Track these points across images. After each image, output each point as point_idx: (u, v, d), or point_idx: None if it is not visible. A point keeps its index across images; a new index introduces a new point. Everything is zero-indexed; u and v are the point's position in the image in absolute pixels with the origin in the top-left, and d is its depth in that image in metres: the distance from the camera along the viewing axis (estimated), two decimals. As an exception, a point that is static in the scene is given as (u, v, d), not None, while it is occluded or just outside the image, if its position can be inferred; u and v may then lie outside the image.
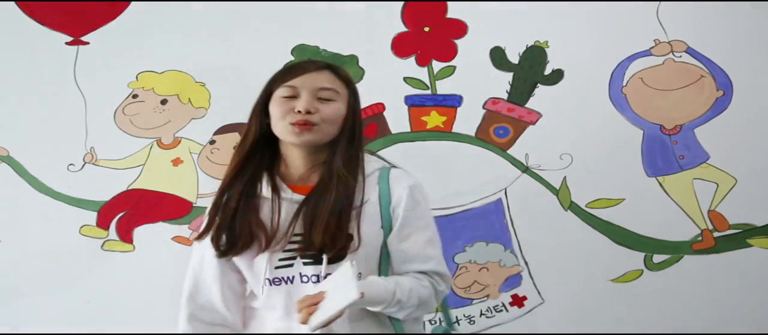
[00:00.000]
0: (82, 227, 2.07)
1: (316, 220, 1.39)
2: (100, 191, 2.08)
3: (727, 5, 2.03)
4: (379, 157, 1.55)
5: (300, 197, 1.44)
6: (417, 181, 1.49)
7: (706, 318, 2.00)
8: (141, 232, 2.07)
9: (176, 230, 2.06)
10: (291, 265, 1.43)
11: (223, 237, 1.44)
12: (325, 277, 1.37)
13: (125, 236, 2.07)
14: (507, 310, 2.03)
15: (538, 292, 2.03)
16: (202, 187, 2.07)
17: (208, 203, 2.03)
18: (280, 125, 1.43)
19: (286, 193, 1.45)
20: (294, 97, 1.44)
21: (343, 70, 1.52)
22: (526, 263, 2.03)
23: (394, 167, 1.53)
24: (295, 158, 1.47)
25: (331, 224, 1.38)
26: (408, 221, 1.44)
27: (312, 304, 1.28)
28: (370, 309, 1.38)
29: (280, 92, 1.46)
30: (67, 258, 2.07)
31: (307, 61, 1.52)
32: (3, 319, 2.08)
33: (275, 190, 1.45)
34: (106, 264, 2.07)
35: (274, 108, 1.45)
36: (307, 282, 1.42)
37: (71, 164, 2.08)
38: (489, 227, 2.01)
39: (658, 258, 2.01)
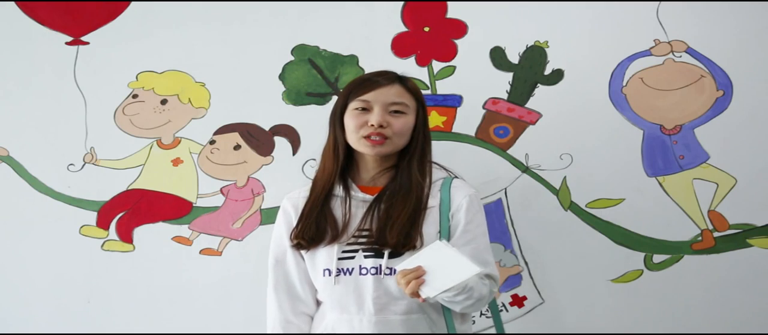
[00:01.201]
0: (82, 227, 2.08)
1: (394, 219, 1.55)
2: (100, 191, 2.08)
3: (728, 5, 2.03)
4: (443, 167, 1.70)
5: (369, 197, 1.62)
6: (476, 191, 1.66)
7: (706, 318, 2.00)
8: (141, 232, 2.07)
9: (176, 230, 2.06)
10: (352, 257, 1.58)
11: (301, 231, 1.61)
12: (385, 270, 1.55)
13: (125, 236, 2.07)
14: (507, 310, 2.03)
15: (538, 292, 2.03)
16: (202, 187, 2.07)
17: (207, 203, 2.06)
18: (355, 137, 1.60)
19: (357, 193, 1.62)
20: (367, 110, 1.60)
21: (411, 83, 1.68)
22: (526, 263, 2.03)
23: (455, 177, 1.69)
24: (367, 163, 1.65)
25: (407, 223, 1.55)
26: (470, 226, 1.60)
27: (415, 276, 1.42)
28: (428, 302, 1.54)
29: (354, 105, 1.61)
30: (67, 258, 2.07)
31: (378, 74, 1.65)
32: (3, 319, 2.08)
33: (347, 190, 1.62)
34: (106, 264, 2.07)
35: (349, 121, 1.61)
36: (366, 273, 1.57)
37: (71, 164, 2.08)
38: (489, 227, 1.99)
39: (658, 258, 2.01)
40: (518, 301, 2.03)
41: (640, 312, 2.01)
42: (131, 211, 2.07)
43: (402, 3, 2.07)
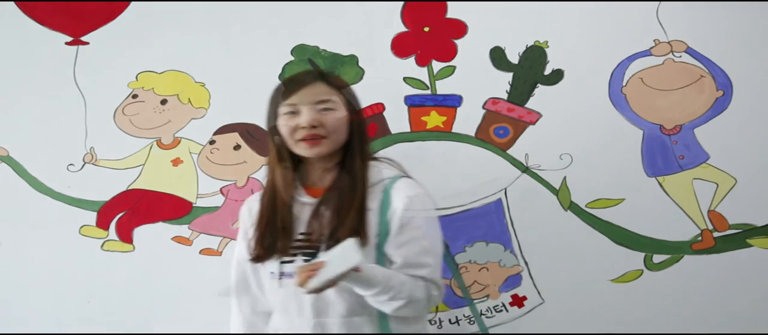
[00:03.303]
0: (82, 227, 2.08)
1: (343, 218, 1.49)
2: (100, 191, 2.08)
3: (728, 5, 2.02)
4: (394, 167, 1.62)
5: (312, 200, 1.56)
6: (420, 192, 1.56)
7: (706, 318, 2.00)
8: (141, 232, 2.07)
9: (176, 230, 2.06)
10: (293, 261, 1.53)
11: (255, 245, 1.57)
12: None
13: (125, 236, 2.07)
14: (507, 310, 2.03)
15: (538, 292, 2.03)
16: (202, 187, 2.07)
17: (207, 203, 2.06)
18: (291, 141, 1.56)
19: (301, 196, 1.57)
20: (296, 113, 1.54)
21: (333, 77, 1.62)
22: (526, 263, 2.03)
23: (405, 176, 1.60)
24: (312, 163, 1.59)
25: (356, 220, 1.49)
26: (404, 229, 1.52)
27: (311, 270, 1.36)
28: (363, 302, 1.49)
29: (283, 111, 1.56)
30: (67, 258, 2.07)
31: (301, 75, 1.61)
32: (3, 319, 2.08)
33: (292, 195, 1.57)
34: (106, 264, 2.07)
35: (282, 127, 1.56)
36: None
37: (71, 164, 2.08)
38: (489, 227, 2.01)
39: (658, 258, 2.01)
40: (518, 301, 2.03)
41: (640, 312, 2.01)
42: (131, 211, 2.08)
43: (402, 3, 2.07)
